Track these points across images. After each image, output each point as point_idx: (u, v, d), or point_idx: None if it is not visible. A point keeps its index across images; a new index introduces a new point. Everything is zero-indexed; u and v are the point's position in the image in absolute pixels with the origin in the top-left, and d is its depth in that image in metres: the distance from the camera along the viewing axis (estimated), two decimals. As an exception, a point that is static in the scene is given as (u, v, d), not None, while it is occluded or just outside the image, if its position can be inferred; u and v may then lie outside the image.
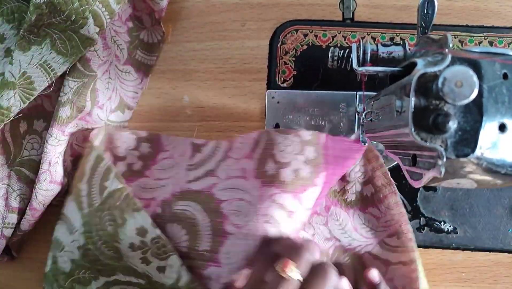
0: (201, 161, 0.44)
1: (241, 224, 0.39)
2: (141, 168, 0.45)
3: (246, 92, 0.47)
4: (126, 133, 0.46)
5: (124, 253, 0.40)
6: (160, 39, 0.47)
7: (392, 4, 0.45)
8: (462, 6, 0.45)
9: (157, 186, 0.44)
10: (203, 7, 0.48)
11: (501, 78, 0.26)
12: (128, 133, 0.46)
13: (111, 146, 0.45)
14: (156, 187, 0.44)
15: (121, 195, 0.41)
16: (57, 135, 0.43)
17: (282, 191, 0.39)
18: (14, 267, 0.48)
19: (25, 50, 0.41)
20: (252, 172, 0.42)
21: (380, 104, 0.34)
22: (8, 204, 0.44)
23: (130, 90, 0.47)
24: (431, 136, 0.25)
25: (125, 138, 0.45)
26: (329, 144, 0.41)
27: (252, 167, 0.42)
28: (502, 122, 0.25)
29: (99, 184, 0.42)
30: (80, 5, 0.40)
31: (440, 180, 0.28)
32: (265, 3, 0.47)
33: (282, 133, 0.42)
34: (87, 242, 0.41)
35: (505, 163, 0.26)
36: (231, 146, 0.44)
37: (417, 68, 0.26)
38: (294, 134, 0.41)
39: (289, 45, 0.46)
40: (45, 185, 0.43)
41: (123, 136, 0.45)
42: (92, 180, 0.43)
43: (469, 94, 0.23)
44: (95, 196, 0.42)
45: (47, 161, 0.43)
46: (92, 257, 0.42)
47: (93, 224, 0.41)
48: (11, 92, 0.40)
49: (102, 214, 0.41)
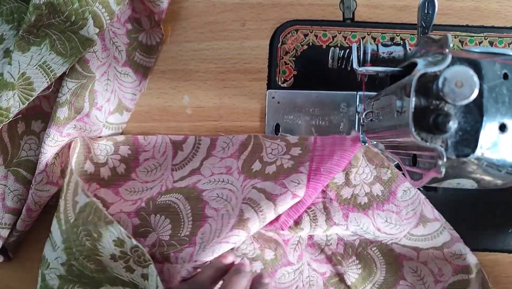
0: (184, 159, 0.46)
1: (221, 207, 0.41)
2: (125, 170, 0.46)
3: (246, 92, 0.47)
4: (103, 141, 0.46)
5: (107, 264, 0.40)
6: (159, 41, 0.47)
7: (392, 4, 0.45)
8: (462, 6, 0.45)
9: (144, 189, 0.45)
10: (203, 7, 0.47)
11: (501, 78, 0.26)
12: (104, 140, 0.46)
13: (90, 154, 0.45)
14: (144, 190, 0.45)
15: (91, 209, 0.41)
16: (54, 136, 0.43)
17: (264, 180, 0.42)
18: (13, 267, 0.48)
19: (24, 50, 0.41)
20: (236, 169, 0.44)
21: (381, 104, 0.34)
22: (5, 205, 0.44)
23: (129, 92, 0.47)
24: (432, 136, 0.25)
25: (102, 145, 0.46)
26: (317, 143, 0.43)
27: (237, 166, 0.44)
28: (503, 122, 0.25)
29: (71, 199, 0.42)
30: (80, 6, 0.40)
31: (441, 180, 0.28)
32: (265, 3, 0.47)
33: (270, 139, 0.44)
34: (69, 258, 0.41)
35: (506, 163, 0.26)
36: (214, 144, 0.46)
37: (417, 68, 0.26)
38: (281, 139, 0.44)
39: (289, 45, 0.46)
40: (42, 186, 0.43)
41: (100, 144, 0.46)
42: (67, 195, 0.43)
43: (469, 94, 0.23)
44: (70, 211, 0.42)
45: (44, 162, 0.43)
46: (76, 272, 0.42)
47: (71, 240, 0.41)
48: (10, 93, 0.40)
49: (77, 229, 0.40)
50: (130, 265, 0.39)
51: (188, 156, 0.45)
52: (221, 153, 0.45)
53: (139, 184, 0.45)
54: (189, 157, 0.45)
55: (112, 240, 0.39)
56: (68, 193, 0.43)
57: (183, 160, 0.45)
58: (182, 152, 0.46)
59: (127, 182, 0.45)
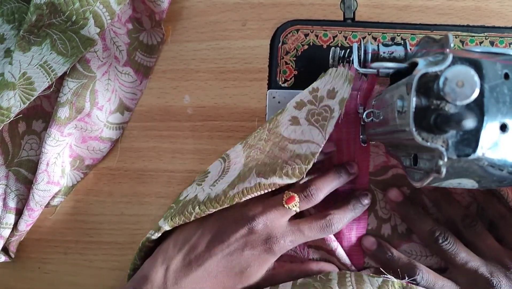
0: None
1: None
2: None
3: (247, 92, 0.47)
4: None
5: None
6: (160, 41, 0.47)
7: (393, 4, 0.45)
8: (463, 6, 0.45)
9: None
10: (204, 7, 0.47)
11: (502, 78, 0.26)
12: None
13: None
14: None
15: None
16: (55, 135, 0.43)
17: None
18: (14, 267, 0.48)
19: (25, 50, 0.41)
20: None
21: (381, 104, 0.34)
22: (6, 204, 0.44)
23: (129, 92, 0.47)
24: (432, 136, 0.25)
25: None
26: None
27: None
28: (503, 122, 0.25)
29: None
30: (81, 6, 0.40)
31: (441, 180, 0.28)
32: (266, 2, 0.47)
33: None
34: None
35: (506, 162, 0.26)
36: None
37: (418, 68, 0.26)
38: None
39: (290, 45, 0.46)
40: (43, 186, 0.44)
41: None
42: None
43: (470, 94, 0.23)
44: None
45: (45, 161, 0.43)
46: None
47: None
48: (11, 92, 0.40)
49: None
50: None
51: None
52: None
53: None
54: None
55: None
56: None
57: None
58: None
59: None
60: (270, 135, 0.42)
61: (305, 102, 0.41)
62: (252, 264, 0.39)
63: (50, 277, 0.48)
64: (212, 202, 0.40)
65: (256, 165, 0.40)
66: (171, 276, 0.39)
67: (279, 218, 0.39)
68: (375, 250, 0.42)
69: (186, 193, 0.45)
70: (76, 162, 0.47)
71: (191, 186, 0.45)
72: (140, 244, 0.43)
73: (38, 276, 0.48)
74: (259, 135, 0.43)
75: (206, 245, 0.39)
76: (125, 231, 0.48)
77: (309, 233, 0.39)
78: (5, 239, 0.45)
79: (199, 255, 0.39)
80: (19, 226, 0.45)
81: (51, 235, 0.48)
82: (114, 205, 0.48)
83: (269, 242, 0.39)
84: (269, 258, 0.39)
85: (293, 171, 0.38)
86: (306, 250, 0.44)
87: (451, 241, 0.39)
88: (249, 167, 0.41)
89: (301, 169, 0.38)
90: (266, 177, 0.38)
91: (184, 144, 0.47)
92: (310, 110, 0.40)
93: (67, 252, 0.48)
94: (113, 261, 0.48)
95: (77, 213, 0.48)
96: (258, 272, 0.40)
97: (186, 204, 0.42)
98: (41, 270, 0.48)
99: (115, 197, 0.48)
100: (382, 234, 0.43)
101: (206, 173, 0.45)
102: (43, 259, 0.48)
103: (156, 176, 0.48)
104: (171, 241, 0.42)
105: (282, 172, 0.38)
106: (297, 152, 0.39)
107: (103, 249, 0.48)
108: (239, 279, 0.39)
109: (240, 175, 0.40)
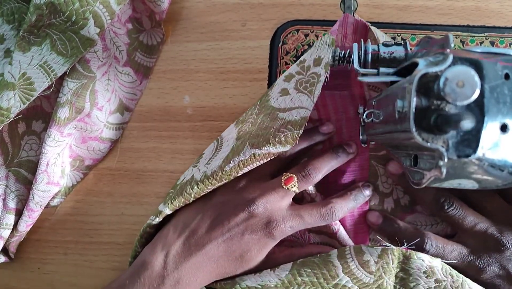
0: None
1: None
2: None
3: (247, 92, 0.47)
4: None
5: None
6: (160, 41, 0.47)
7: (393, 4, 0.45)
8: (463, 6, 0.45)
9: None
10: (204, 7, 0.47)
11: (503, 78, 0.26)
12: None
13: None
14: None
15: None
16: (55, 136, 0.43)
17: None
18: (14, 267, 0.48)
19: (25, 51, 0.41)
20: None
21: (382, 104, 0.34)
22: (6, 205, 0.44)
23: (129, 92, 0.47)
24: (433, 136, 0.25)
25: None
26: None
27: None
28: (504, 122, 0.25)
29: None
30: (81, 6, 0.40)
31: (442, 181, 0.28)
32: (266, 3, 0.47)
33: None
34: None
35: (507, 163, 0.26)
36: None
37: (418, 68, 0.26)
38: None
39: (290, 45, 0.46)
40: (43, 186, 0.43)
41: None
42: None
43: (470, 95, 0.23)
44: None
45: (45, 162, 0.43)
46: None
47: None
48: (11, 93, 0.40)
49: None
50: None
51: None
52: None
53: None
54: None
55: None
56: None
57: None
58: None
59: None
60: (261, 109, 0.43)
61: (294, 74, 0.42)
62: (252, 248, 0.39)
63: (50, 278, 0.48)
64: (209, 179, 0.40)
65: (249, 137, 0.40)
66: (171, 261, 0.39)
67: (279, 200, 0.39)
68: (381, 224, 0.42)
69: (182, 176, 0.45)
70: (76, 162, 0.47)
71: (187, 170, 0.45)
72: (141, 230, 0.43)
73: (38, 277, 0.48)
74: (251, 111, 0.44)
75: (206, 229, 0.39)
76: (125, 231, 0.47)
77: (309, 219, 0.39)
78: (5, 239, 0.45)
79: (199, 240, 0.39)
80: (19, 227, 0.45)
81: (51, 235, 0.48)
82: (114, 205, 0.48)
83: (269, 226, 0.39)
84: (269, 242, 0.39)
85: (285, 138, 0.38)
86: (306, 235, 0.44)
87: (457, 206, 0.39)
88: (242, 140, 0.41)
89: (293, 135, 0.38)
90: (260, 148, 0.38)
91: (184, 144, 0.47)
92: (298, 80, 0.41)
93: (67, 253, 0.48)
94: (113, 261, 0.48)
95: (77, 214, 0.48)
96: (258, 256, 0.40)
97: (184, 186, 0.42)
98: (41, 271, 0.48)
99: (115, 197, 0.48)
100: (385, 208, 0.43)
101: (200, 155, 0.45)
102: (43, 259, 0.48)
103: (156, 176, 0.47)
104: (171, 227, 0.41)
105: (276, 140, 0.38)
106: (287, 118, 0.39)
107: (103, 249, 0.48)
108: (240, 263, 0.39)
109: (234, 149, 0.41)
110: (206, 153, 0.45)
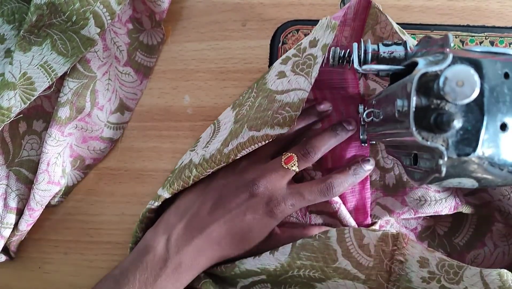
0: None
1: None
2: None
3: (247, 92, 0.47)
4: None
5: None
6: (160, 41, 0.47)
7: (393, 4, 0.45)
8: (463, 6, 0.45)
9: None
10: (204, 7, 0.48)
11: (502, 77, 0.26)
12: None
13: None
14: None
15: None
16: (56, 135, 0.43)
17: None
18: (14, 267, 0.48)
19: (25, 50, 0.41)
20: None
21: (381, 104, 0.34)
22: (7, 204, 0.44)
23: (130, 92, 0.47)
24: (432, 135, 0.25)
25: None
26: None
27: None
28: (504, 121, 0.25)
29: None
30: (81, 6, 0.40)
31: (441, 179, 0.28)
32: (266, 2, 0.47)
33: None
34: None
35: (507, 162, 0.26)
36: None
37: (418, 68, 0.26)
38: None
39: (290, 45, 0.46)
40: (43, 185, 0.44)
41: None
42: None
43: (470, 94, 0.23)
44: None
45: (46, 161, 0.43)
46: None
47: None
48: (11, 92, 0.40)
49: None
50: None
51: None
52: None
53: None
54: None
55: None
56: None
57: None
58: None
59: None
60: (258, 92, 0.43)
61: (290, 57, 0.41)
62: (254, 228, 0.39)
63: (50, 277, 0.48)
64: (208, 162, 0.40)
65: (247, 120, 0.40)
66: (173, 244, 0.39)
67: (279, 180, 0.39)
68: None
69: (180, 161, 0.45)
70: (76, 162, 0.47)
71: (185, 154, 0.45)
72: (140, 215, 0.43)
73: (38, 276, 0.48)
74: (247, 95, 0.44)
75: (208, 212, 0.39)
76: (126, 231, 0.47)
77: (309, 196, 0.39)
78: (5, 238, 0.45)
79: (201, 222, 0.39)
80: (20, 226, 0.45)
81: (51, 235, 0.48)
82: (115, 205, 0.48)
83: (270, 205, 0.39)
84: (270, 221, 0.39)
85: (283, 120, 0.38)
86: (307, 216, 0.44)
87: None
88: (240, 123, 0.41)
89: (291, 116, 0.38)
90: (258, 130, 0.38)
91: (184, 144, 0.47)
92: (295, 62, 0.40)
93: (67, 252, 0.48)
94: (113, 261, 0.48)
95: (78, 213, 0.48)
96: (260, 237, 0.40)
97: (182, 169, 0.42)
98: (41, 270, 0.48)
99: (115, 197, 0.48)
100: (387, 184, 0.43)
101: (198, 139, 0.45)
102: (43, 259, 0.48)
103: (156, 175, 0.48)
104: (172, 210, 0.42)
105: (274, 122, 0.38)
106: (285, 100, 0.39)
107: (104, 249, 0.48)
108: (242, 244, 0.40)
109: (232, 132, 0.41)
110: (203, 137, 0.45)
